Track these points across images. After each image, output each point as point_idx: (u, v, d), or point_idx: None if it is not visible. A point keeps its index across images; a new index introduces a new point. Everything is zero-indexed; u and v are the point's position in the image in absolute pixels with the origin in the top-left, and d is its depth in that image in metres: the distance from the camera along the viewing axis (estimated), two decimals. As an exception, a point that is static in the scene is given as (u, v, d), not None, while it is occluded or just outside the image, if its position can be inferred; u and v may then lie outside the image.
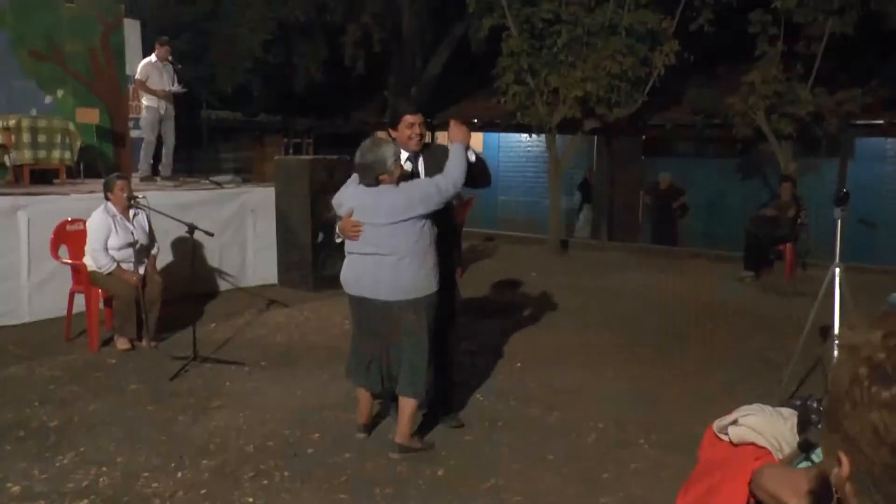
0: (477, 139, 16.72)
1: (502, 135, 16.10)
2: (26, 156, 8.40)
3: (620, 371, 5.74)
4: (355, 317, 4.17)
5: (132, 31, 11.04)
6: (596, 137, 14.55)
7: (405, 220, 3.87)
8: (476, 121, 15.30)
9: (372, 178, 3.90)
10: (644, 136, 14.55)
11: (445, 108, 16.04)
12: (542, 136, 12.50)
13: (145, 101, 9.34)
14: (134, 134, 10.78)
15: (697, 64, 11.51)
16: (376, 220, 3.90)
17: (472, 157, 3.99)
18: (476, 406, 4.92)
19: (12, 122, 8.38)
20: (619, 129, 12.91)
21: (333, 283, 8.37)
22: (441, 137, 17.16)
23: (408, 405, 4.08)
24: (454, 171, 3.94)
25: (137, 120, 10.47)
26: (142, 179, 9.33)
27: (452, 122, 4.00)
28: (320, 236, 8.39)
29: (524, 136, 15.08)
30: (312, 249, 8.41)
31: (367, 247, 3.93)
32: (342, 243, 4.13)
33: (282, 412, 4.74)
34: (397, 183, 3.93)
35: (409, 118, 4.09)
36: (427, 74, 14.27)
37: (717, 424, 1.64)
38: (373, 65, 13.91)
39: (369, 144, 3.91)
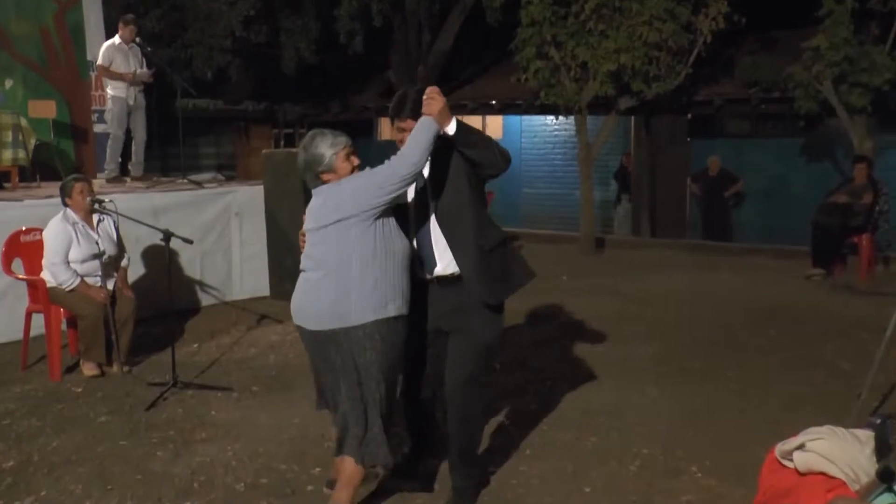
0: (496, 124, 16.77)
1: (524, 118, 16.13)
2: (-28, 157, 8.50)
3: (667, 388, 5.72)
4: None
5: (92, 8, 11.11)
6: (633, 118, 14.55)
7: (331, 225, 3.53)
8: (494, 102, 15.36)
9: (313, 179, 3.66)
10: (689, 115, 14.52)
11: (458, 89, 16.08)
12: (571, 118, 12.50)
13: (110, 90, 9.37)
14: (98, 129, 10.86)
15: (751, 28, 11.47)
16: (308, 226, 3.68)
17: (451, 130, 3.55)
18: (500, 431, 4.92)
19: (-46, 119, 8.48)
20: (660, 107, 12.89)
21: None
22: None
23: (345, 468, 3.66)
24: (408, 150, 3.53)
25: (102, 113, 10.55)
26: (108, 181, 9.39)
27: (426, 92, 3.60)
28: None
29: (550, 118, 15.06)
30: (308, 256, 8.43)
31: (304, 261, 3.70)
32: None
33: (276, 444, 4.75)
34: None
35: (398, 123, 3.81)
36: (435, 50, 14.28)
37: (780, 449, 1.62)
38: (372, 41, 13.93)
39: (306, 141, 3.69)
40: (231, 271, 8.69)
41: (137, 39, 9.43)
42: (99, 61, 9.30)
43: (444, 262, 3.78)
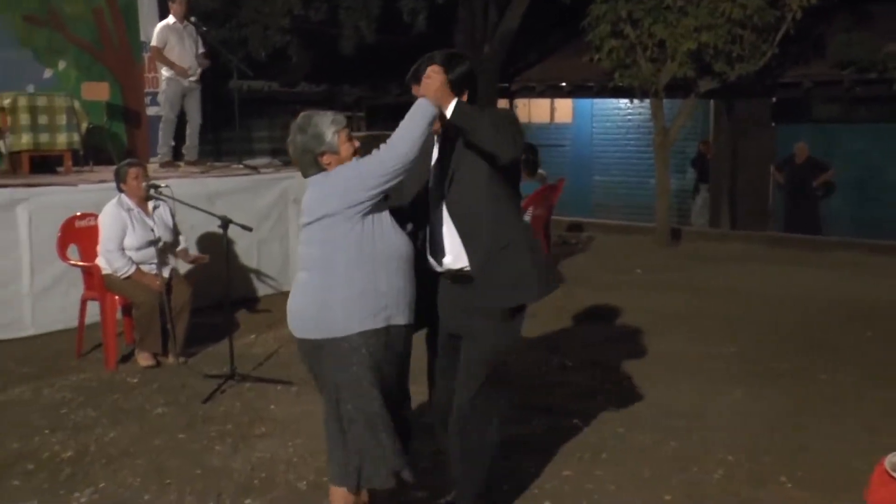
0: (565, 107, 16.69)
1: (596, 101, 16.02)
2: (24, 141, 8.70)
3: (752, 390, 5.65)
4: None
5: (146, -13, 11.32)
6: (713, 101, 14.35)
7: (315, 222, 3.33)
8: (563, 84, 15.27)
9: (311, 164, 3.40)
10: (774, 98, 14.26)
11: (525, 70, 16.03)
12: (646, 101, 12.38)
13: (164, 71, 9.55)
14: (151, 111, 11.07)
15: (845, 2, 11.22)
16: (300, 221, 3.49)
17: (450, 112, 3.28)
18: (573, 433, 4.91)
19: (7, 102, 8.68)
20: (743, 89, 12.69)
21: None
22: (521, 106, 17.18)
23: (334, 499, 3.48)
24: (396, 138, 3.25)
25: (155, 95, 10.75)
26: (161, 165, 9.57)
27: (427, 70, 3.34)
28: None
29: (623, 101, 14.94)
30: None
31: (299, 260, 3.57)
32: None
33: (335, 441, 4.81)
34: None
35: (415, 91, 3.45)
36: (503, 29, 14.22)
37: (889, 460, 1.59)
38: (436, 20, 13.93)
39: (301, 121, 3.44)
40: (288, 260, 8.79)
41: (192, 18, 9.57)
42: (153, 42, 9.46)
43: (454, 255, 3.53)
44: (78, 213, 6.69)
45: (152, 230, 6.25)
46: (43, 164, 8.92)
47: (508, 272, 3.48)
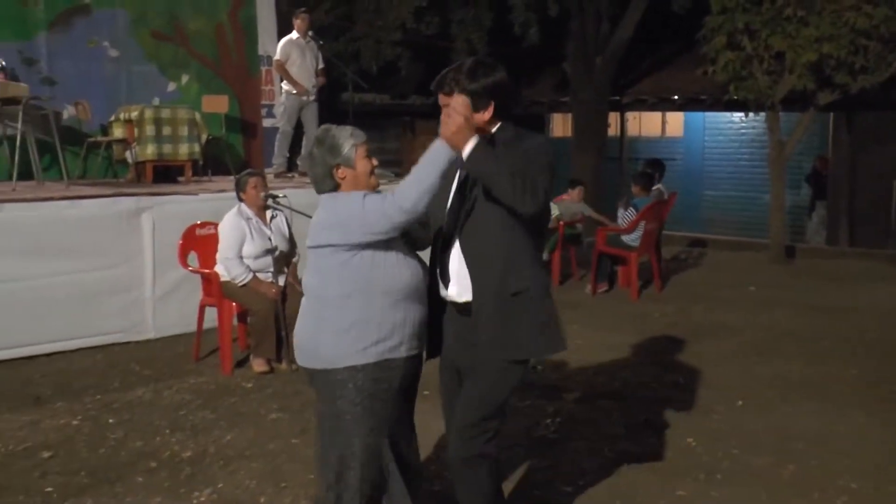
0: (676, 120, 16.44)
1: (708, 114, 15.73)
2: (149, 151, 9.06)
3: (875, 413, 5.43)
4: None
5: (265, 3, 11.64)
6: (832, 114, 13.91)
7: (316, 248, 3.18)
8: (676, 97, 15.04)
9: (325, 176, 3.22)
10: (899, 111, 13.73)
11: (636, 83, 15.85)
12: (761, 115, 12.09)
13: (285, 85, 9.80)
14: (266, 123, 11.38)
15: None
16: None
17: (467, 151, 2.97)
18: (687, 452, 4.81)
19: (134, 114, 9.07)
20: (866, 102, 12.23)
21: None
22: (631, 119, 16.98)
23: None
24: (405, 188, 3.01)
25: (270, 107, 11.04)
26: (276, 175, 9.81)
27: (451, 103, 3.07)
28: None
29: (737, 114, 14.61)
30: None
31: None
32: None
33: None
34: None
35: (441, 100, 3.15)
36: (615, 40, 14.09)
37: None
38: (548, 32, 13.90)
39: (319, 133, 3.29)
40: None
41: (310, 33, 9.80)
42: (277, 56, 9.75)
43: (460, 287, 3.24)
44: (198, 222, 6.90)
45: (269, 239, 6.39)
46: (165, 174, 9.26)
47: (513, 323, 3.17)
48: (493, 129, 3.18)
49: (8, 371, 6.46)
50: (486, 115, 3.12)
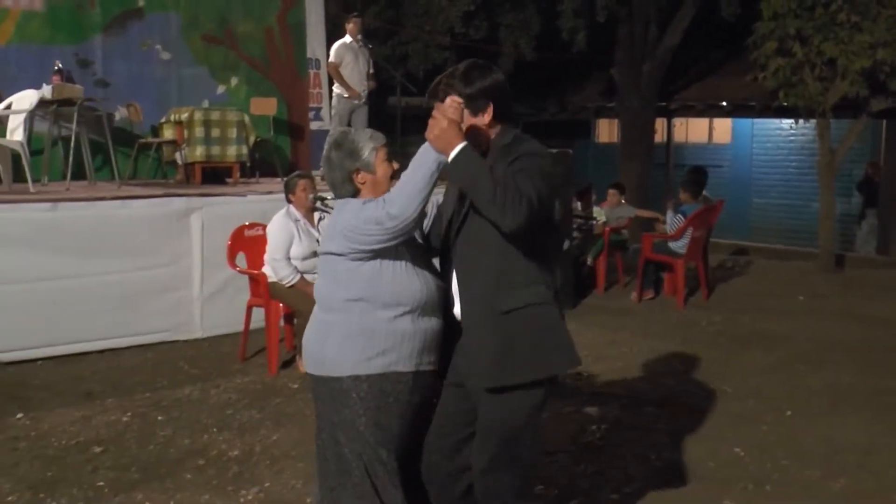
0: (724, 127, 16.30)
1: (757, 121, 15.59)
2: (198, 152, 9.16)
3: (929, 428, 5.33)
4: None
5: (314, 7, 11.73)
6: (885, 122, 13.69)
7: (323, 254, 3.13)
8: (724, 104, 14.91)
9: (344, 181, 3.13)
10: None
11: (684, 89, 15.75)
12: (811, 122, 11.92)
13: (336, 88, 9.87)
14: (314, 126, 11.45)
15: None
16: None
17: (451, 157, 2.81)
18: (735, 462, 4.76)
19: (184, 116, 9.18)
20: (920, 109, 12.05)
21: None
22: (678, 125, 16.87)
23: None
24: (395, 194, 2.92)
25: (318, 110, 11.11)
26: (323, 178, 9.85)
27: (441, 105, 2.93)
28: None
29: (786, 121, 14.45)
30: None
31: None
32: None
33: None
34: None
35: (438, 106, 2.99)
36: (663, 46, 14.02)
37: None
38: (595, 37, 13.87)
39: (337, 137, 3.21)
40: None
41: (359, 37, 9.87)
42: (331, 59, 9.83)
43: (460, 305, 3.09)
44: (247, 223, 6.97)
45: (317, 241, 6.43)
46: (213, 175, 9.36)
47: (509, 342, 2.94)
48: (494, 134, 3.02)
49: (60, 367, 6.58)
50: (486, 117, 2.97)
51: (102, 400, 5.82)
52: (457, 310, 3.09)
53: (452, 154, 2.80)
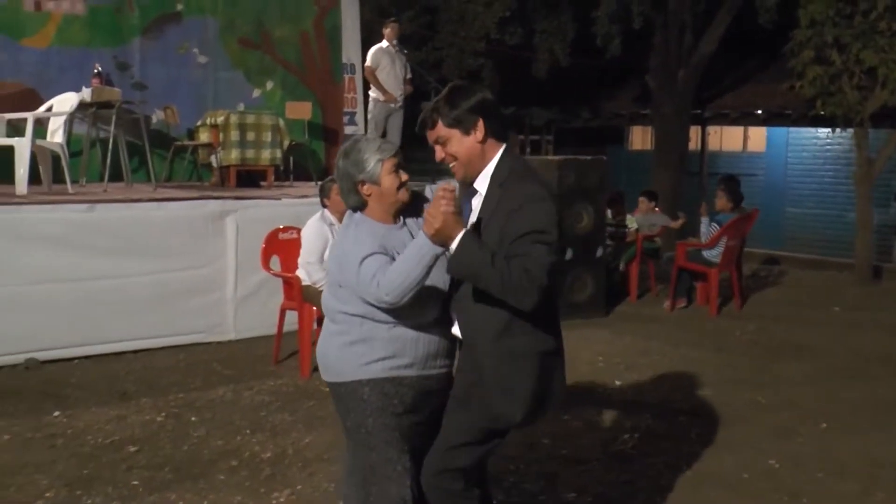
0: (758, 135, 16.16)
1: (792, 130, 15.41)
2: (233, 156, 9.21)
3: (969, 443, 5.25)
4: None
5: (349, 11, 11.75)
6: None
7: (331, 271, 3.18)
8: (759, 112, 14.79)
9: (350, 191, 3.11)
10: None
11: (718, 97, 15.64)
12: (848, 131, 11.79)
13: (372, 92, 9.90)
14: (349, 130, 11.48)
15: None
16: None
17: (452, 249, 2.82)
18: (769, 474, 4.71)
19: (221, 119, 9.23)
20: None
21: (583, 310, 8.58)
22: (712, 133, 16.75)
23: None
24: (393, 275, 2.88)
25: (353, 115, 11.14)
26: (356, 183, 9.89)
27: (436, 195, 2.84)
28: (568, 253, 8.46)
29: (822, 130, 14.30)
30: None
31: None
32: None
33: (526, 463, 4.80)
34: (397, 217, 3.15)
35: (429, 134, 3.02)
36: (699, 53, 13.93)
37: None
38: (630, 44, 13.82)
39: (348, 145, 3.18)
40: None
41: (395, 41, 9.91)
42: (367, 63, 9.89)
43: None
44: (281, 226, 7.01)
45: (351, 245, 6.44)
46: (248, 178, 9.41)
47: (485, 382, 2.98)
48: (493, 159, 2.98)
49: (96, 366, 6.65)
50: (479, 133, 2.94)
51: (137, 400, 5.88)
52: (455, 329, 3.11)
53: (453, 247, 2.79)
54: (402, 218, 3.16)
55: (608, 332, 8.01)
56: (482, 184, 3.00)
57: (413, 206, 3.18)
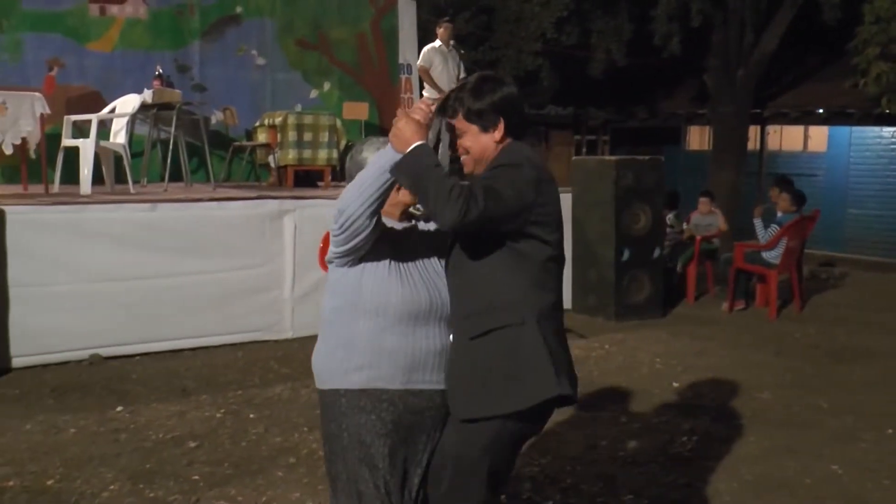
0: (820, 135, 15.89)
1: (854, 129, 15.14)
2: (291, 156, 9.32)
3: None
4: None
5: (406, 13, 11.82)
6: None
7: (329, 262, 2.96)
8: (820, 111, 14.54)
9: None
10: None
11: (779, 96, 15.41)
12: (915, 130, 11.56)
13: (426, 92, 9.95)
14: (404, 131, 11.53)
15: None
16: None
17: (395, 158, 2.64)
18: (832, 480, 4.63)
19: (278, 120, 9.35)
20: None
21: (640, 311, 8.53)
22: (772, 132, 16.50)
23: None
24: (347, 188, 2.79)
25: (409, 116, 11.18)
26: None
27: (414, 105, 2.78)
28: (626, 254, 8.42)
29: (887, 129, 14.02)
30: (615, 270, 8.49)
31: None
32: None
33: (585, 465, 4.78)
34: (402, 215, 3.01)
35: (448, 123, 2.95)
36: (759, 51, 13.70)
37: None
38: (689, 43, 13.67)
39: (357, 146, 3.11)
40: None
41: (451, 42, 9.94)
42: (420, 62, 9.93)
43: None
44: (338, 226, 7.04)
45: (406, 245, 6.46)
46: (305, 178, 9.51)
47: (474, 370, 2.76)
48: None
49: (156, 363, 6.76)
50: (497, 133, 2.81)
51: (197, 396, 5.96)
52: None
53: (406, 152, 2.62)
54: (412, 221, 3.05)
55: (665, 334, 7.94)
56: None
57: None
